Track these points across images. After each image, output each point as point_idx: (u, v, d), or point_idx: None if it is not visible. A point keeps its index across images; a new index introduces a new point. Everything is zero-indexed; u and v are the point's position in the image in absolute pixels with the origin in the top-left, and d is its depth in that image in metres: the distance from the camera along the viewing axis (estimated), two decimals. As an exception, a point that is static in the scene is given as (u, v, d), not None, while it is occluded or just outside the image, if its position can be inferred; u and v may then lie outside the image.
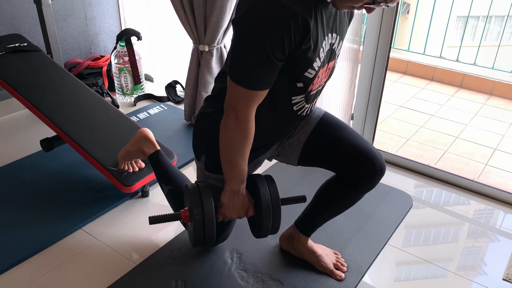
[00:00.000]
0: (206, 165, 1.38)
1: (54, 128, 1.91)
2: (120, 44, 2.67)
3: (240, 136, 1.19)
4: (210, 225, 1.29)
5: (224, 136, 1.21)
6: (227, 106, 1.17)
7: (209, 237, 1.31)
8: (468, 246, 1.74)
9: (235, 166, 1.25)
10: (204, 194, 1.30)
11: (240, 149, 1.22)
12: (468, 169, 2.38)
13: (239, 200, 1.32)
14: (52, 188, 1.92)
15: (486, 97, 3.34)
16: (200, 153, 1.40)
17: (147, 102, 2.79)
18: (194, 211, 1.27)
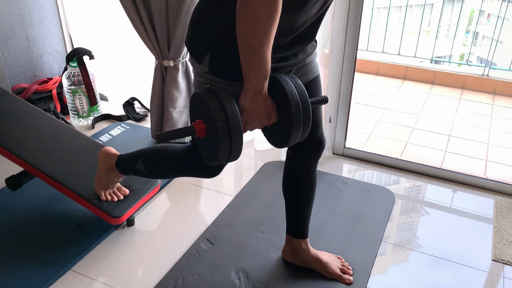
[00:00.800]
0: (211, 66, 1.16)
1: (20, 163, 1.75)
2: (71, 65, 2.51)
3: (266, 12, 0.97)
4: (237, 133, 1.04)
5: (245, 18, 0.98)
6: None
7: (236, 148, 1.07)
8: (456, 234, 1.84)
9: (259, 55, 1.02)
10: (224, 96, 1.05)
11: (266, 31, 0.99)
12: (431, 157, 2.52)
13: (262, 102, 1.10)
14: (27, 229, 1.76)
15: (429, 87, 3.56)
16: (203, 52, 1.17)
17: (106, 123, 2.65)
18: (216, 117, 1.02)
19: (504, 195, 2.05)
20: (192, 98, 1.14)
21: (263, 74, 1.06)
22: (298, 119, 1.10)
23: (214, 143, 1.07)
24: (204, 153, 1.17)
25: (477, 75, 3.49)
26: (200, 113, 1.10)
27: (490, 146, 2.67)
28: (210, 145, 1.10)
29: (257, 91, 1.08)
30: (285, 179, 1.53)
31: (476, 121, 3.00)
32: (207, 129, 1.08)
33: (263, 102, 1.10)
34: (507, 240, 1.76)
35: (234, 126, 1.04)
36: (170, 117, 2.32)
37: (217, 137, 1.04)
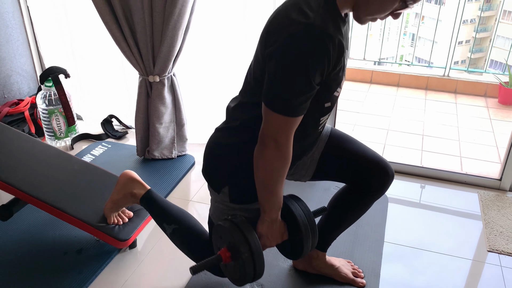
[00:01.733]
0: (231, 197, 1.32)
1: (11, 191, 1.65)
2: (46, 85, 2.41)
3: (281, 164, 1.17)
4: (260, 259, 1.23)
5: (262, 167, 1.18)
6: (265, 136, 1.14)
7: (259, 271, 1.25)
8: (450, 230, 1.93)
9: (274, 194, 1.22)
10: (246, 229, 1.23)
11: (280, 177, 1.20)
12: (410, 157, 2.63)
13: (277, 227, 1.29)
14: (23, 259, 1.67)
15: (395, 89, 3.72)
16: (221, 185, 1.33)
17: (85, 143, 2.56)
18: (241, 249, 1.21)
19: (486, 188, 2.17)
20: (216, 228, 1.32)
21: (278, 206, 1.25)
22: (307, 237, 1.31)
23: (240, 269, 1.24)
24: (231, 276, 1.33)
25: (439, 76, 3.68)
26: (224, 242, 1.28)
27: (462, 143, 2.82)
28: (236, 270, 1.27)
29: (273, 220, 1.27)
30: (340, 195, 1.52)
31: (444, 120, 3.16)
32: (232, 256, 1.26)
33: (277, 227, 1.29)
34: (497, 231, 1.87)
35: (256, 254, 1.22)
36: (157, 133, 2.28)
37: (244, 265, 1.22)
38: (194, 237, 1.50)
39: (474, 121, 3.17)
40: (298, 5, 1.07)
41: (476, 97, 3.57)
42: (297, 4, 1.08)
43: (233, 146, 1.29)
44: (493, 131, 3.01)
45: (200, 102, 2.47)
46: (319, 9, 1.07)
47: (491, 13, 19.03)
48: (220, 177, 1.33)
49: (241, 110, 1.28)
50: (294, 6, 1.08)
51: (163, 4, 1.98)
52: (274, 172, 1.18)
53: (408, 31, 19.48)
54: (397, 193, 2.16)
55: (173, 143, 2.36)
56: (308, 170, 1.46)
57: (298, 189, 2.02)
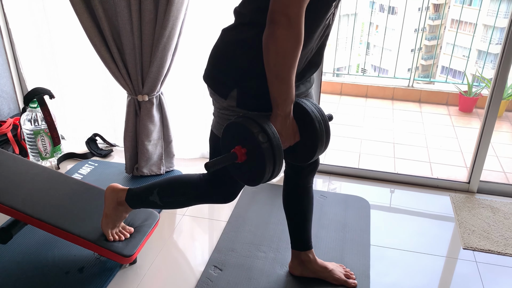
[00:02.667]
0: (240, 101, 1.24)
1: (10, 213, 1.68)
2: (31, 106, 2.42)
3: (293, 44, 1.08)
4: (280, 150, 1.14)
5: (274, 50, 1.08)
6: (275, 13, 1.06)
7: (278, 166, 1.16)
8: (428, 231, 2.09)
9: (287, 82, 1.13)
10: (261, 120, 1.15)
11: (293, 60, 1.10)
12: (384, 164, 2.81)
13: (290, 124, 1.21)
14: (26, 281, 1.69)
15: (364, 100, 3.92)
16: (229, 89, 1.25)
17: (71, 163, 2.58)
18: (260, 139, 1.12)
19: (456, 191, 2.37)
20: (227, 127, 1.21)
21: (291, 98, 1.17)
22: (322, 134, 1.24)
23: (258, 164, 1.15)
24: (244, 177, 1.24)
25: (404, 87, 3.92)
26: (237, 140, 1.19)
27: (429, 149, 3.03)
28: (252, 168, 1.18)
29: (286, 114, 1.19)
30: (286, 196, 1.67)
31: (412, 128, 3.37)
32: (247, 153, 1.17)
33: (291, 124, 1.22)
34: (470, 230, 2.05)
35: (276, 145, 1.13)
36: (146, 150, 2.34)
37: (263, 157, 1.13)
38: (180, 183, 1.52)
39: (438, 128, 3.40)
40: None
41: (438, 106, 3.83)
42: None
43: (243, 42, 1.21)
44: (456, 137, 3.24)
45: (186, 119, 2.55)
46: None
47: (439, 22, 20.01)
48: (228, 79, 1.25)
49: (249, 7, 1.21)
50: None
51: (152, 27, 2.06)
52: (286, 54, 1.08)
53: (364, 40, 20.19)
54: (377, 199, 2.31)
55: (161, 159, 2.43)
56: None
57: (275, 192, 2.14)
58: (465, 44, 13.16)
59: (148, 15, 2.03)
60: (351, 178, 2.49)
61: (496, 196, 2.33)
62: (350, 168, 2.51)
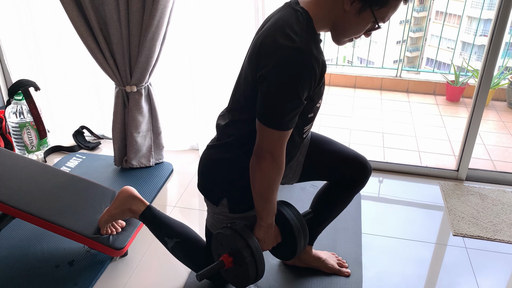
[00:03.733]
0: (231, 208, 1.42)
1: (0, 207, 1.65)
2: (15, 98, 2.38)
3: (276, 174, 1.28)
4: (261, 262, 1.33)
5: (260, 178, 1.28)
6: (261, 150, 1.25)
7: (261, 273, 1.35)
8: (418, 219, 2.11)
9: (270, 202, 1.33)
10: (246, 235, 1.33)
11: (275, 186, 1.31)
12: (374, 153, 2.82)
13: (272, 231, 1.40)
14: (15, 275, 1.66)
15: (353, 90, 3.93)
16: (219, 198, 1.42)
17: (58, 155, 2.54)
18: (244, 254, 1.30)
19: (445, 179, 2.39)
20: (216, 236, 1.39)
21: (273, 212, 1.36)
22: (300, 239, 1.42)
23: (244, 272, 1.33)
24: (232, 280, 1.42)
25: (392, 77, 3.93)
26: (225, 249, 1.37)
27: (418, 138, 3.05)
28: (238, 273, 1.36)
29: (269, 225, 1.37)
30: (324, 190, 1.65)
31: (400, 118, 3.39)
32: (234, 261, 1.35)
33: (273, 231, 1.40)
34: (460, 217, 2.07)
35: (258, 257, 1.32)
36: (135, 142, 2.31)
37: (247, 268, 1.31)
38: (196, 249, 1.57)
39: (426, 118, 3.42)
40: (283, 30, 1.17)
41: (426, 95, 3.85)
42: (282, 29, 1.18)
43: (229, 161, 1.38)
44: (444, 126, 3.27)
45: (175, 110, 2.53)
46: (303, 33, 1.18)
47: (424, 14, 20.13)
48: (218, 191, 1.42)
49: (233, 127, 1.37)
50: (279, 31, 1.18)
51: (140, 16, 2.03)
52: (270, 181, 1.29)
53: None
54: (367, 189, 2.32)
55: (150, 151, 2.40)
56: (295, 173, 1.57)
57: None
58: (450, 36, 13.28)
59: (135, 3, 1.99)
60: (342, 167, 2.49)
61: (484, 184, 2.36)
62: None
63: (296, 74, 1.16)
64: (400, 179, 2.40)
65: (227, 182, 1.40)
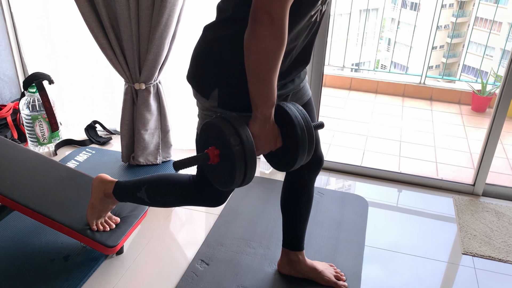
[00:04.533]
0: (221, 101, 1.20)
1: (-3, 199, 1.67)
2: (29, 91, 2.41)
3: (275, 44, 1.02)
4: (252, 155, 1.09)
5: (255, 49, 1.03)
6: (258, 10, 1.00)
7: (251, 171, 1.12)
8: (427, 233, 2.02)
9: (268, 84, 1.07)
10: (236, 122, 1.11)
11: (274, 61, 1.05)
12: (389, 162, 2.72)
13: (270, 128, 1.15)
14: (9, 267, 1.67)
15: (374, 96, 3.82)
16: (210, 88, 1.20)
17: (68, 149, 2.57)
18: (232, 141, 1.07)
19: (460, 193, 2.27)
20: (203, 127, 1.18)
21: (271, 101, 1.11)
22: (304, 142, 1.16)
23: (229, 167, 1.10)
24: (217, 179, 1.19)
25: (415, 84, 3.81)
26: (212, 141, 1.14)
27: (437, 149, 2.93)
28: (224, 170, 1.14)
29: (266, 118, 1.13)
30: (284, 194, 1.60)
31: (421, 126, 3.27)
32: (220, 155, 1.12)
33: (271, 128, 1.16)
34: (471, 235, 1.97)
35: (248, 149, 1.08)
36: (142, 139, 2.31)
37: (234, 161, 1.08)
38: (169, 182, 1.48)
39: (448, 128, 3.29)
40: None
41: (450, 104, 3.71)
42: None
43: (224, 39, 1.16)
44: (466, 138, 3.13)
45: (184, 109, 2.51)
46: None
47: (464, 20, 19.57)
48: (210, 79, 1.21)
49: (228, 1, 1.16)
50: None
51: (150, 13, 2.02)
52: (268, 54, 1.03)
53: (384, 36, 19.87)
54: (377, 198, 2.24)
55: (158, 149, 2.39)
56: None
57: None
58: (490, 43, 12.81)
59: (145, 1, 1.98)
60: (352, 175, 2.41)
61: (502, 200, 2.24)
62: (351, 165, 2.44)
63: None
64: (412, 191, 2.31)
65: (221, 66, 1.18)
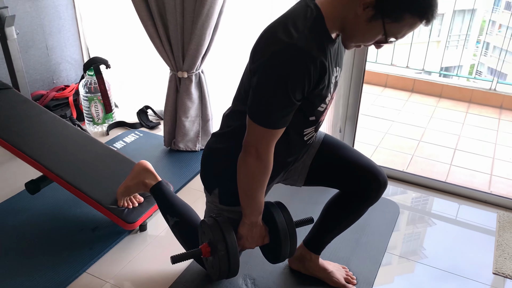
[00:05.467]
0: (221, 199, 1.41)
1: (40, 169, 1.84)
2: (88, 73, 2.61)
3: (260, 172, 1.25)
4: (235, 258, 1.32)
5: (244, 173, 1.26)
6: (248, 144, 1.22)
7: (233, 269, 1.35)
8: (459, 247, 1.89)
9: (254, 199, 1.30)
10: (225, 228, 1.32)
11: (260, 184, 1.27)
12: (437, 170, 2.57)
13: (257, 230, 1.37)
14: (45, 231, 1.84)
15: (436, 100, 3.61)
16: (213, 187, 1.43)
17: (120, 130, 2.74)
18: (218, 247, 1.30)
19: (507, 209, 2.09)
20: (201, 223, 1.42)
21: (258, 211, 1.33)
22: (286, 244, 1.38)
23: (217, 264, 1.33)
24: (209, 269, 1.43)
25: (484, 89, 3.53)
26: (206, 238, 1.38)
27: (495, 160, 2.71)
28: (214, 265, 1.36)
29: (253, 223, 1.35)
30: (336, 199, 1.55)
31: (482, 135, 3.04)
32: (211, 252, 1.35)
33: (258, 230, 1.37)
34: (508, 254, 1.80)
35: (232, 253, 1.31)
36: (183, 126, 2.40)
37: (219, 261, 1.31)
38: (192, 232, 1.58)
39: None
40: (285, 24, 1.13)
41: (523, 114, 3.39)
42: (285, 23, 1.13)
43: (222, 150, 1.38)
44: (533, 152, 2.85)
45: (226, 100, 2.55)
46: (305, 30, 1.11)
47: None
48: (212, 179, 1.43)
49: (232, 118, 1.37)
50: (282, 24, 1.14)
51: (193, 4, 2.09)
52: (254, 178, 1.26)
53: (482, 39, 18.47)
54: (412, 206, 2.13)
55: (197, 137, 2.47)
56: (300, 175, 1.51)
57: (296, 190, 2.06)
58: None
59: (189, -9, 2.05)
60: (390, 180, 2.31)
61: (556, 222, 2.02)
62: (392, 169, 2.34)
63: (286, 72, 1.11)
64: (454, 201, 2.16)
65: (220, 171, 1.40)
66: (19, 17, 2.51)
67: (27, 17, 2.57)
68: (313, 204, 2.05)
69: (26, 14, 2.56)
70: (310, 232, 1.63)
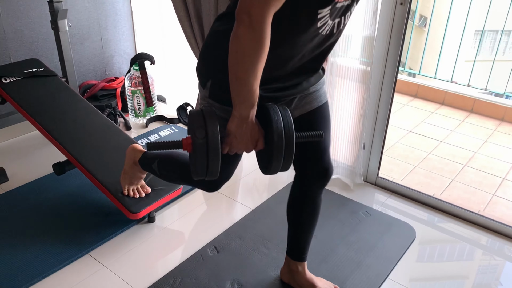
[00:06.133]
0: (211, 92, 1.25)
1: (65, 153, 1.97)
2: (133, 68, 2.75)
3: (252, 45, 1.03)
4: (214, 151, 1.11)
5: (234, 48, 1.05)
6: (240, 11, 1.02)
7: (212, 166, 1.14)
8: (464, 282, 1.73)
9: (244, 85, 1.08)
10: (208, 116, 1.13)
11: (251, 64, 1.05)
12: (475, 199, 2.37)
13: (247, 128, 1.15)
14: (62, 211, 1.98)
15: (497, 123, 3.33)
16: (206, 78, 1.27)
17: (158, 124, 2.86)
18: (196, 134, 1.10)
19: (540, 252, 1.88)
20: (188, 115, 1.22)
21: (249, 102, 1.11)
22: (279, 149, 1.14)
23: (194, 158, 1.14)
24: (191, 167, 1.23)
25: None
26: (190, 130, 1.19)
27: (547, 196, 2.44)
28: (193, 157, 1.17)
29: (242, 118, 1.13)
30: (289, 202, 1.57)
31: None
32: (192, 144, 1.14)
33: (249, 129, 1.15)
34: (526, 301, 1.62)
35: (211, 144, 1.10)
36: (211, 125, 2.44)
37: (196, 152, 1.12)
38: (176, 160, 1.55)
39: None
40: None
41: None
42: None
43: (220, 33, 1.21)
44: None
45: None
46: None
47: None
48: (206, 69, 1.27)
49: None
50: None
51: (225, 7, 2.12)
52: (245, 55, 1.04)
53: None
54: (432, 235, 1.99)
55: (225, 138, 2.50)
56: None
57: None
58: None
59: (222, -5, 2.09)
60: (415, 203, 2.18)
61: None
62: (416, 191, 2.20)
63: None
64: (482, 234, 1.98)
65: (215, 60, 1.22)
66: (78, 11, 2.71)
67: (85, 12, 2.77)
68: (346, 226, 1.99)
69: (84, 9, 2.75)
70: (287, 241, 1.61)
